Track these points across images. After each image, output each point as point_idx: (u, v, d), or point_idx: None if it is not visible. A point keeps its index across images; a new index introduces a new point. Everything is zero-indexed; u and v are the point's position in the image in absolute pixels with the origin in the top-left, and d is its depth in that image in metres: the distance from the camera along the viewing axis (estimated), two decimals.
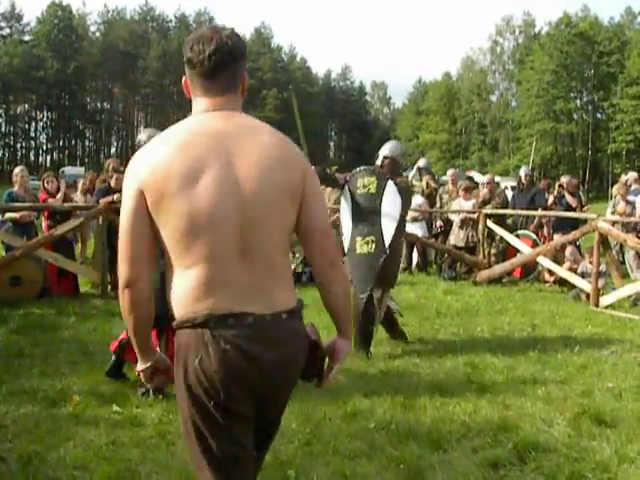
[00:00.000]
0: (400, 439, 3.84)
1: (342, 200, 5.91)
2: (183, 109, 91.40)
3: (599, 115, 73.12)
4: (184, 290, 1.86)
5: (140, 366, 2.04)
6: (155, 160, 1.84)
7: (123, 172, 8.50)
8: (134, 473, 3.33)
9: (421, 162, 13.39)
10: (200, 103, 1.98)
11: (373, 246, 5.59)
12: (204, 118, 1.94)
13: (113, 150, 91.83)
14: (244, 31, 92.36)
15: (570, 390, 4.85)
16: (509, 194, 14.27)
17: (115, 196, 8.25)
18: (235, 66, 1.97)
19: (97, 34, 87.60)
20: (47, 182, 8.91)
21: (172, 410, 4.22)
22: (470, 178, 15.36)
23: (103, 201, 8.19)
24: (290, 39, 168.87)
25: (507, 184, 33.30)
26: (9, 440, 3.72)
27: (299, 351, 1.99)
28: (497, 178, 39.53)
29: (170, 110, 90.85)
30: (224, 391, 1.84)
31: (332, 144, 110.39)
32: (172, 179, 1.79)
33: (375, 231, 5.61)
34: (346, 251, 5.67)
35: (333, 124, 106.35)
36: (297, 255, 10.04)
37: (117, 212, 8.29)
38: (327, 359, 2.14)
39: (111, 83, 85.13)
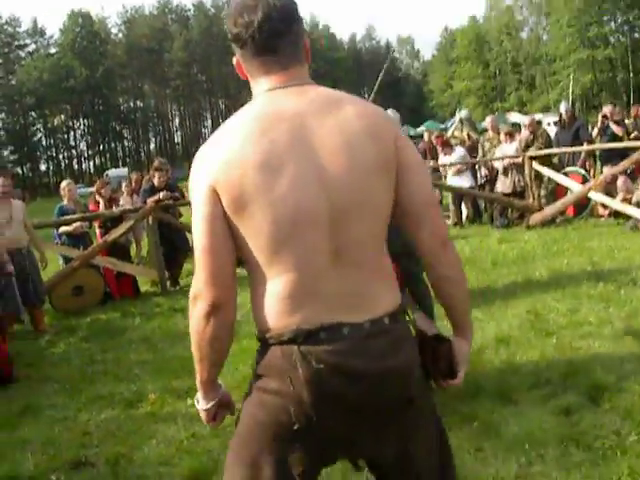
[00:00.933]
0: (470, 395, 3.86)
1: None
2: (214, 95, 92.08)
3: (636, 36, 70.28)
4: (269, 304, 1.59)
5: (204, 405, 1.75)
6: (226, 155, 1.54)
7: (164, 170, 8.62)
8: (217, 462, 3.43)
9: (463, 113, 13.28)
10: (262, 83, 1.67)
11: None
12: (273, 98, 1.63)
13: (152, 147, 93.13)
14: None
15: (637, 325, 4.77)
16: (552, 131, 13.97)
17: (161, 194, 8.41)
18: (292, 31, 1.66)
19: (119, 35, 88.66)
20: (101, 192, 9.30)
21: None
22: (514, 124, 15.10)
23: (150, 201, 8.34)
24: (310, 8, 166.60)
25: (549, 120, 32.56)
26: (95, 445, 3.87)
27: (410, 360, 1.66)
28: (538, 116, 38.82)
29: (201, 98, 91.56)
30: (313, 420, 1.55)
31: None
32: (248, 177, 1.51)
33: None
34: None
35: (365, 87, 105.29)
36: None
37: (165, 209, 8.51)
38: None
39: (140, 81, 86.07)
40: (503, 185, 10.55)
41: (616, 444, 3.10)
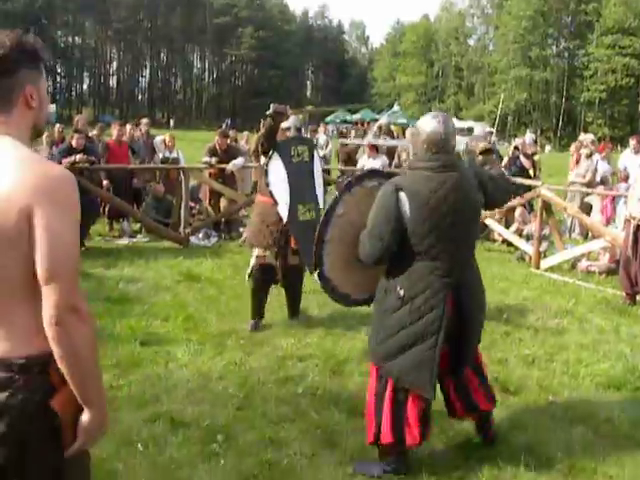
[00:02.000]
0: (323, 405, 4.29)
1: (272, 168, 5.65)
2: (156, 45, 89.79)
3: (574, 63, 73.13)
4: None
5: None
6: None
7: (85, 132, 8.66)
8: None
9: (384, 119, 13.75)
10: None
11: (314, 213, 5.80)
12: None
13: (85, 87, 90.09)
14: None
15: (487, 357, 5.31)
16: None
17: (78, 157, 8.47)
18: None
19: None
20: None
21: (123, 375, 4.64)
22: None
23: (65, 161, 8.39)
24: None
25: (480, 129, 33.63)
26: None
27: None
28: (471, 123, 39.91)
29: (144, 45, 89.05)
30: None
31: (309, 83, 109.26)
32: None
33: (313, 197, 5.85)
34: (286, 219, 5.64)
35: (310, 63, 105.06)
36: None
37: (79, 172, 8.58)
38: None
39: (82, 17, 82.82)
40: None
41: (431, 471, 3.59)
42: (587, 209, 10.91)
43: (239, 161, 9.99)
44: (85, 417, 1.76)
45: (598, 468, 3.62)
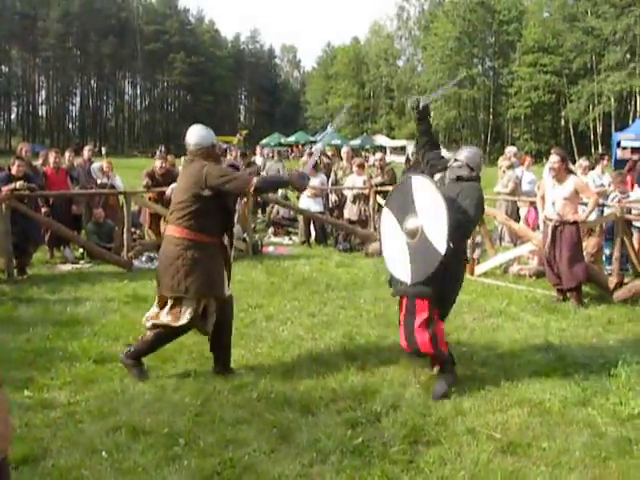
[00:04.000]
0: (277, 406, 4.52)
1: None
2: (87, 73, 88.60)
3: (499, 81, 75.79)
4: None
5: None
6: None
7: (27, 161, 8.67)
8: (46, 450, 3.86)
9: (317, 148, 14.11)
10: None
11: None
12: None
13: (13, 116, 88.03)
14: None
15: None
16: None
17: (17, 184, 8.49)
18: None
19: None
20: None
21: (80, 391, 4.76)
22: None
23: (5, 189, 8.40)
24: (197, 1, 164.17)
25: (413, 149, 34.56)
26: None
27: None
28: (403, 142, 40.77)
29: (73, 73, 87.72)
30: None
31: (242, 108, 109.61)
32: None
33: None
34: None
35: (243, 88, 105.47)
36: None
37: (20, 199, 8.59)
38: None
39: (8, 45, 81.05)
40: (350, 212, 11.50)
41: (381, 453, 3.87)
42: (516, 217, 11.47)
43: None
44: None
45: (532, 443, 3.98)
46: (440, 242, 4.53)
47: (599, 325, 6.75)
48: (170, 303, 4.98)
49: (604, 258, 9.37)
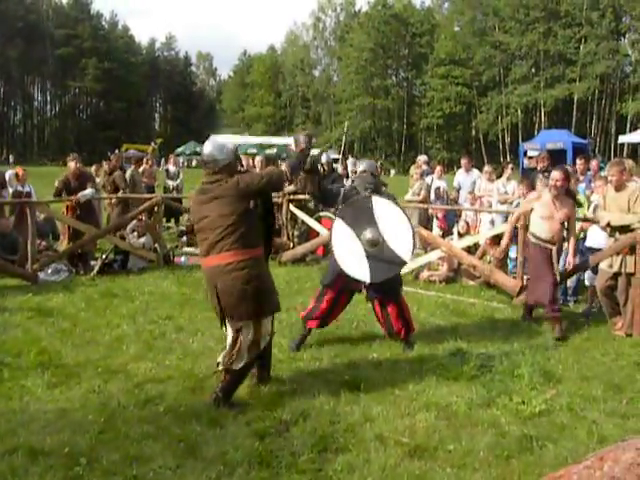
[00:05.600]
0: (185, 420, 4.42)
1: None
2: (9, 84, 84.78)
3: (413, 92, 77.73)
4: None
5: None
6: None
7: None
8: None
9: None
10: None
11: None
12: None
13: None
14: None
15: (341, 364, 5.68)
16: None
17: None
18: None
19: None
20: None
21: None
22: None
23: None
24: (111, 5, 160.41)
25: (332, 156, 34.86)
26: None
27: None
28: (319, 151, 41.08)
29: None
30: None
31: (157, 115, 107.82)
32: None
33: None
34: None
35: (158, 95, 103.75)
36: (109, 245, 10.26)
37: None
38: None
39: None
40: None
41: (289, 462, 3.84)
42: (426, 225, 11.73)
43: (88, 192, 9.88)
44: None
45: (439, 446, 4.05)
46: (406, 253, 5.70)
47: (505, 328, 6.97)
48: (248, 328, 4.72)
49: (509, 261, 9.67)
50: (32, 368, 5.46)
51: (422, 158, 13.83)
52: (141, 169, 14.86)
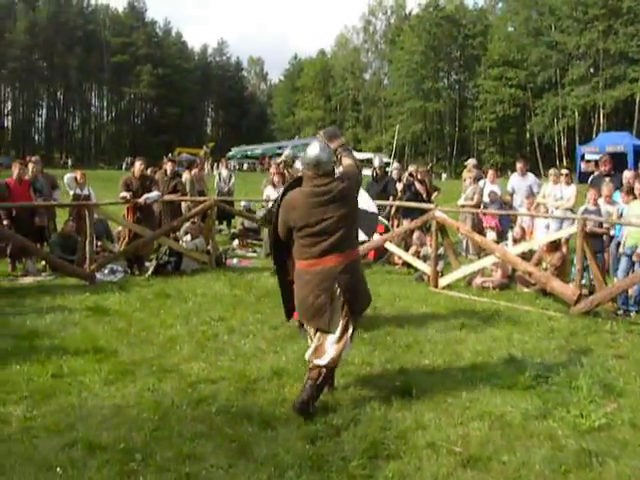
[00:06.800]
0: (236, 420, 4.46)
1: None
2: (53, 84, 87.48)
3: (465, 94, 76.81)
4: None
5: None
6: None
7: None
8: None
9: (287, 151, 14.20)
10: None
11: None
12: None
13: None
14: (117, 4, 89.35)
15: (392, 369, 5.64)
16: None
17: None
18: None
19: None
20: None
21: (36, 406, 4.65)
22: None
23: None
24: (165, 13, 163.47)
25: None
26: None
27: None
28: (370, 155, 41.09)
29: (40, 85, 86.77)
30: None
31: (209, 120, 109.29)
32: None
33: None
34: None
35: (210, 100, 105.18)
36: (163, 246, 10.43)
37: None
38: None
39: None
40: None
41: (340, 467, 3.83)
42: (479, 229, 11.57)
43: (154, 194, 10.09)
44: None
45: (493, 456, 3.97)
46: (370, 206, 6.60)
47: (561, 337, 6.81)
48: (354, 323, 4.86)
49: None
50: (90, 365, 5.60)
51: (471, 162, 13.65)
52: (192, 173, 15.05)
